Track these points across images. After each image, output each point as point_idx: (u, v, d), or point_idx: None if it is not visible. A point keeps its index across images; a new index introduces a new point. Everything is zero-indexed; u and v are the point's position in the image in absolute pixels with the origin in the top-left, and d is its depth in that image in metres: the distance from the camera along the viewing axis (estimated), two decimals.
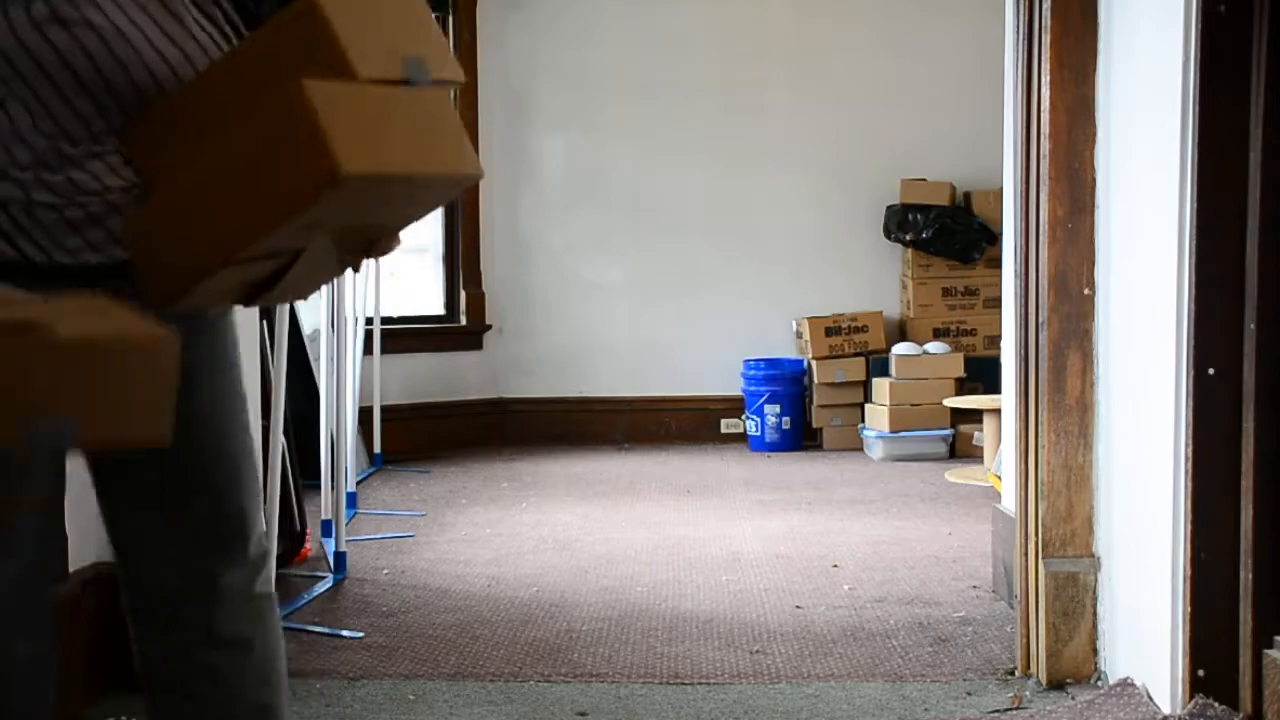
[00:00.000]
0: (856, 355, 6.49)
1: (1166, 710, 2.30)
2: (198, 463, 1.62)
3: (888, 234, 6.70)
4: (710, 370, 6.51)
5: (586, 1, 6.82)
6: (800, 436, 6.32)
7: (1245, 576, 2.20)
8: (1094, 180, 2.58)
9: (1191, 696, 2.24)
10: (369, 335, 5.49)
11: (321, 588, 3.54)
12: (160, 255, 1.40)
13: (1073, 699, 2.52)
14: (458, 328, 6.77)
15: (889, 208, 6.69)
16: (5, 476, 1.52)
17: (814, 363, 6.44)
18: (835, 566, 3.79)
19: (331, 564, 3.71)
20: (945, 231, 6.53)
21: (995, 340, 6.09)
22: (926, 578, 3.64)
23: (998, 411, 4.48)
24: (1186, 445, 2.24)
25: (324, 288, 3.87)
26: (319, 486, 4.05)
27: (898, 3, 6.80)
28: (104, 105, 1.47)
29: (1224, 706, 2.21)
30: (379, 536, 4.32)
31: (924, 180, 6.65)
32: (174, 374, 1.19)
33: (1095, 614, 2.61)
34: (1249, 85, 2.17)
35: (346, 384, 4.25)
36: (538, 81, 6.56)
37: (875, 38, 6.81)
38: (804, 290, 6.65)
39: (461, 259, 6.68)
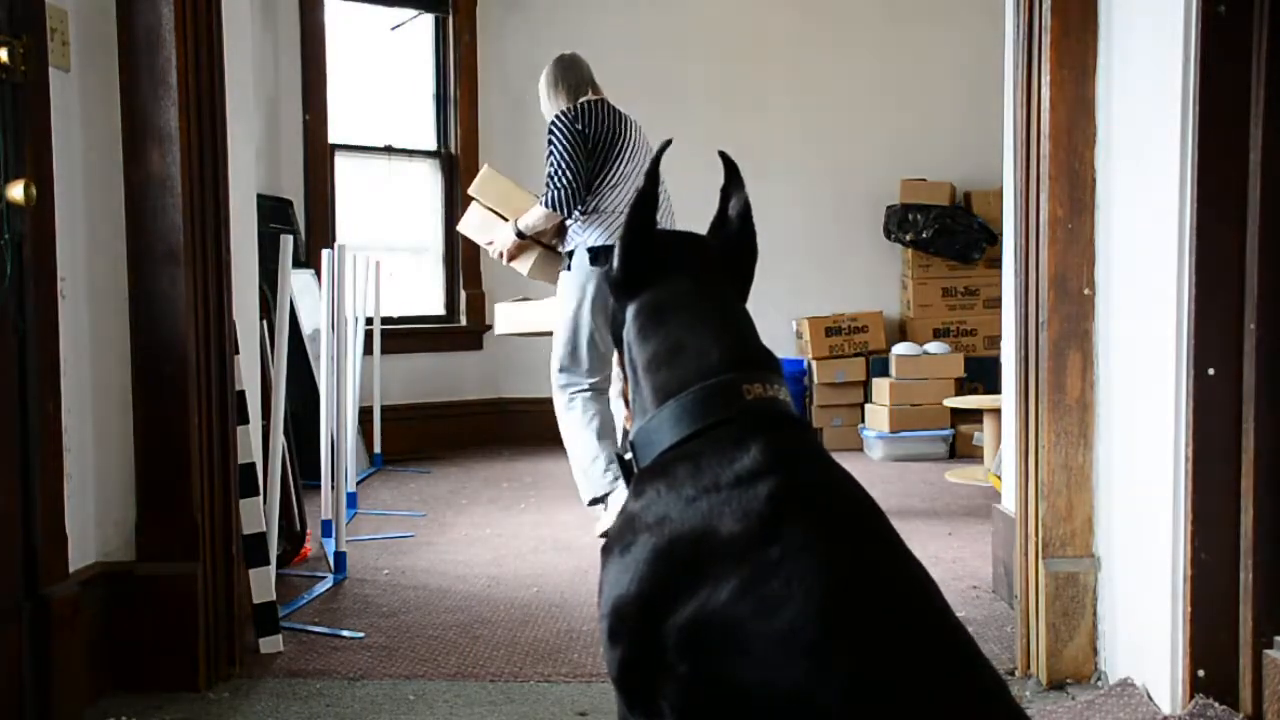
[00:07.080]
0: (856, 355, 6.49)
1: (1166, 710, 2.30)
2: None
3: (888, 234, 6.70)
4: None
5: (586, 2, 6.83)
6: None
7: (1245, 576, 2.20)
8: (1094, 180, 2.57)
9: (1191, 696, 2.24)
10: (369, 335, 5.49)
11: (321, 588, 3.54)
12: None
13: (1073, 699, 2.52)
14: (458, 328, 6.78)
15: (889, 208, 6.70)
16: None
17: (814, 363, 6.44)
18: None
19: (332, 564, 3.71)
20: (945, 231, 6.53)
21: (995, 340, 6.11)
22: None
23: (998, 411, 4.47)
24: (1186, 445, 2.24)
25: (323, 288, 3.92)
26: (319, 486, 4.05)
27: (897, 3, 6.81)
28: None
29: (1224, 706, 2.21)
30: (379, 536, 4.32)
31: (924, 180, 6.66)
32: None
33: (1095, 614, 2.61)
34: (1249, 85, 2.17)
35: (346, 384, 4.24)
36: (537, 82, 6.57)
37: (875, 38, 6.81)
38: (804, 290, 6.65)
39: (461, 259, 6.67)
